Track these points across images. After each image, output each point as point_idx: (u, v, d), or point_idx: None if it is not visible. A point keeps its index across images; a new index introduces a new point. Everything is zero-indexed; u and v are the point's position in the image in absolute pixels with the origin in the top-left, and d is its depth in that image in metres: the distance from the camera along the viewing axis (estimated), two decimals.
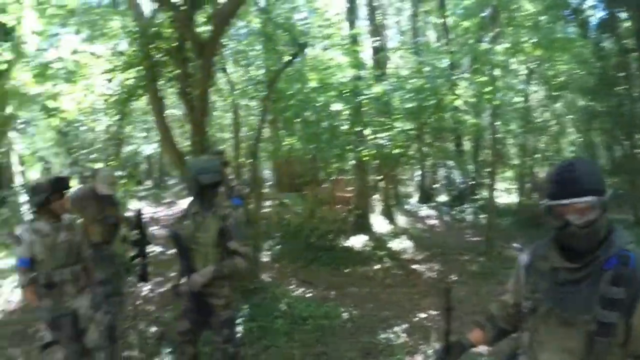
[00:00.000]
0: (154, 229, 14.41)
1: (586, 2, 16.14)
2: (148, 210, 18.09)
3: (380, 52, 14.35)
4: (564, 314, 2.08)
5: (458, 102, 10.58)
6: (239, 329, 5.91)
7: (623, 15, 15.97)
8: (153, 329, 6.89)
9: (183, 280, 4.40)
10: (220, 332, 4.51)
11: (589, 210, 2.01)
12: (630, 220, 14.72)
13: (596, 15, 16.65)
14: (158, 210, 18.30)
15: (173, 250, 10.84)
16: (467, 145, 22.72)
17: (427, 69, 10.31)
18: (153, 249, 11.56)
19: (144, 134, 25.57)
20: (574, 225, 2.02)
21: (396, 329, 6.65)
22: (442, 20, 19.98)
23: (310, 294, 8.40)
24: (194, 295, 4.36)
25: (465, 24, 10.53)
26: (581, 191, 2.01)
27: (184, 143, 14.94)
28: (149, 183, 28.89)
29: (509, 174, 20.92)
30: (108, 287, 5.70)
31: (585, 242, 2.06)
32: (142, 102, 13.24)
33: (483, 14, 11.05)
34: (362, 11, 16.70)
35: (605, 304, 1.97)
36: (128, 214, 7.02)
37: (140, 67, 8.49)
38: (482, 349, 4.96)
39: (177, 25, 7.74)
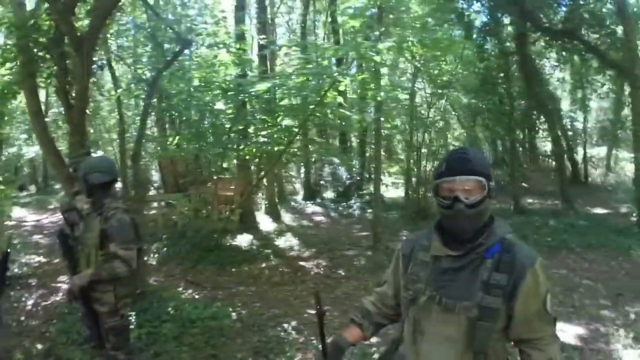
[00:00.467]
0: (37, 237, 13.83)
1: (472, 7, 17.06)
2: (32, 217, 17.35)
3: (266, 49, 14.27)
4: (445, 302, 2.12)
5: (340, 99, 10.69)
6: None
7: (505, 20, 17.03)
8: (39, 345, 6.55)
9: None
10: (108, 339, 4.38)
11: (477, 190, 2.09)
12: (510, 210, 15.74)
13: (480, 20, 17.64)
14: (43, 217, 17.51)
15: (57, 260, 10.54)
16: (353, 141, 23.17)
17: (310, 65, 10.37)
18: (37, 259, 11.11)
19: (26, 136, 24.38)
20: (462, 203, 2.08)
21: (285, 326, 6.65)
22: (331, 19, 20.39)
23: (198, 296, 8.30)
24: (82, 300, 4.26)
25: (353, 22, 10.70)
26: (471, 171, 2.10)
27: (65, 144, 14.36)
28: (32, 188, 27.61)
29: (396, 168, 21.51)
30: None
31: (469, 223, 2.13)
32: (24, 101, 12.60)
33: (369, 14, 11.27)
34: (253, 9, 16.65)
35: (487, 289, 2.04)
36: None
37: (16, 62, 8.08)
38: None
39: (55, 18, 7.39)
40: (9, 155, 21.82)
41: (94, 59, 8.01)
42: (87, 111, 8.09)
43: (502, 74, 17.02)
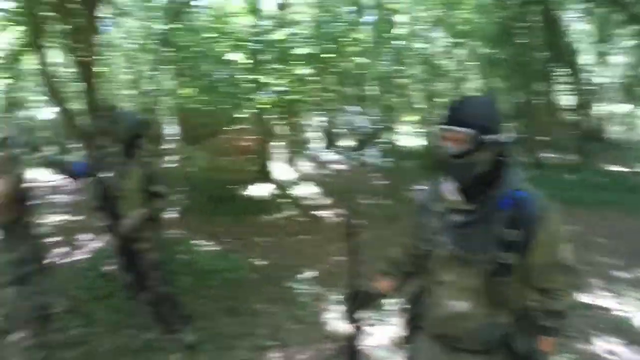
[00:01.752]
0: (56, 197, 13.90)
1: None
2: (54, 178, 17.42)
3: None
4: (461, 254, 2.11)
5: (357, 48, 10.47)
6: None
7: None
8: None
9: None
10: (150, 275, 4.61)
11: (465, 141, 2.04)
12: (528, 162, 15.58)
13: None
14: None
15: (78, 218, 10.55)
16: (371, 90, 22.75)
17: (326, 14, 10.13)
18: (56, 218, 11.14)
19: (43, 97, 24.46)
20: (447, 154, 2.08)
21: (303, 276, 6.63)
22: None
23: (216, 247, 8.18)
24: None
25: None
26: (461, 122, 2.05)
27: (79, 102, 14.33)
28: (52, 149, 27.80)
29: (414, 118, 21.21)
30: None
31: (459, 173, 2.11)
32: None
33: None
34: None
35: (502, 245, 2.02)
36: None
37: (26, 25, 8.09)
38: None
39: None
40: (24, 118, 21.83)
41: (100, 14, 7.93)
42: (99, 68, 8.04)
43: (521, 24, 16.50)
